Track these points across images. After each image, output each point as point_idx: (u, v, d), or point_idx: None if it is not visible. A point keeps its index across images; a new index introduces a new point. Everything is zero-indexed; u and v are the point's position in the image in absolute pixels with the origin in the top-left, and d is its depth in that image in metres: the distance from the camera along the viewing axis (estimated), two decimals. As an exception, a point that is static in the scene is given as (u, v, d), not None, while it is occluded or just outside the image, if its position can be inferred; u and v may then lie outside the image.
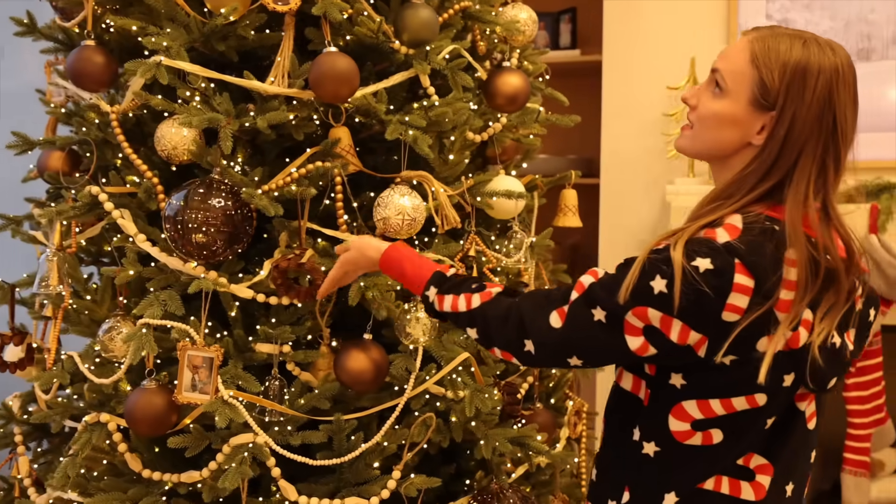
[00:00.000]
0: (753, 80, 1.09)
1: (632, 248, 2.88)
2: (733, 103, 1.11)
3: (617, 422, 1.19)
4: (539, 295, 1.16)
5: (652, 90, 2.78)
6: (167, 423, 1.41)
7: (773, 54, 1.08)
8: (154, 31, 1.52)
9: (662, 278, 1.02)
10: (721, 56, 1.15)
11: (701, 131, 1.15)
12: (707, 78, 1.18)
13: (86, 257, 1.72)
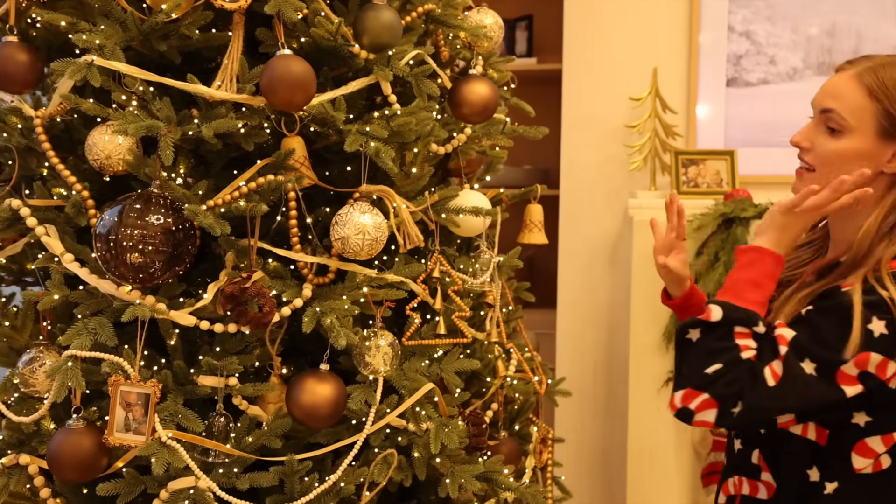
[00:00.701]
0: (877, 112, 1.15)
1: (592, 261, 2.80)
2: (860, 138, 1.16)
3: (789, 469, 1.20)
4: None
5: (613, 100, 2.71)
6: (96, 467, 1.26)
7: (892, 84, 1.14)
8: (86, 28, 1.36)
9: (880, 320, 1.06)
10: (827, 95, 1.18)
11: (826, 172, 1.17)
12: (815, 118, 1.21)
13: (6, 276, 1.55)
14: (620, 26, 2.71)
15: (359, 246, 1.35)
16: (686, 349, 1.12)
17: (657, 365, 2.48)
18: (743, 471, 1.27)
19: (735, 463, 1.30)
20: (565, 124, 2.77)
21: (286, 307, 1.37)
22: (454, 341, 1.54)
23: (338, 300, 1.38)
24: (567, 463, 2.68)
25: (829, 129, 1.18)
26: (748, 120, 2.60)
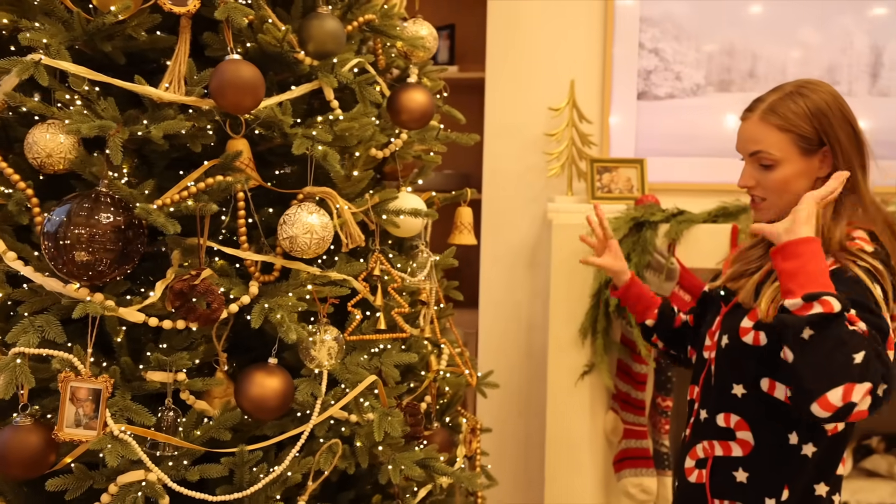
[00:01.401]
0: (793, 139, 1.37)
1: (512, 263, 2.92)
2: (790, 164, 1.38)
3: (770, 430, 1.37)
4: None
5: (533, 110, 2.85)
6: (44, 463, 1.26)
7: (792, 115, 1.37)
8: (28, 26, 1.37)
9: (875, 284, 1.28)
10: (749, 141, 1.42)
11: (776, 198, 1.41)
12: (747, 161, 1.44)
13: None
14: (541, 40, 2.85)
15: (306, 245, 1.40)
16: (814, 345, 1.16)
17: (574, 360, 2.63)
18: (712, 435, 1.43)
19: (701, 431, 1.47)
20: (488, 132, 2.89)
21: (233, 304, 1.41)
22: (394, 336, 1.61)
23: (284, 297, 1.43)
24: (491, 452, 2.79)
25: (763, 166, 1.40)
26: (656, 131, 2.78)
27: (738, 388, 1.41)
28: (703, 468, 1.46)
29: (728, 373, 1.43)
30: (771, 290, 1.36)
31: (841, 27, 2.71)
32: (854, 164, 1.38)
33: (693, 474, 1.48)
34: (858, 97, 2.71)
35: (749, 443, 1.39)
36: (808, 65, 2.72)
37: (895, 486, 2.94)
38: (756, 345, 1.38)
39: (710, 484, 1.44)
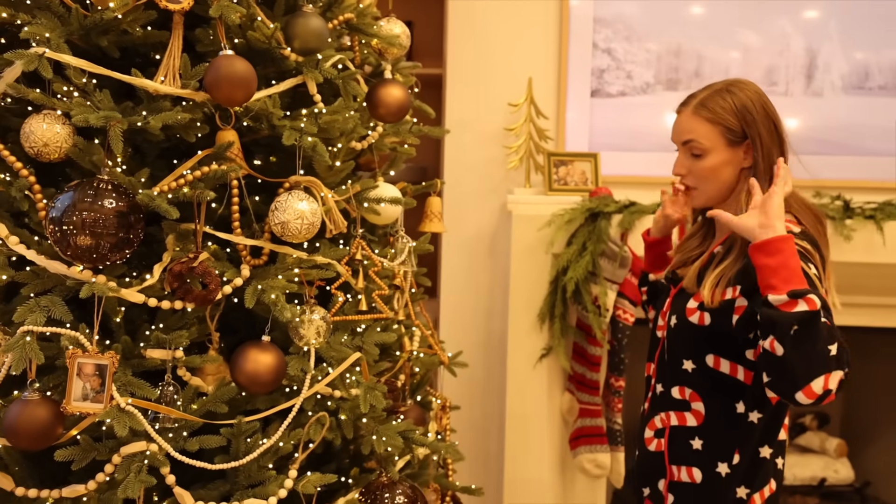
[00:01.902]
0: (720, 131, 1.52)
1: (472, 251, 3.05)
2: (718, 153, 1.52)
3: (719, 401, 1.50)
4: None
5: (492, 106, 2.97)
6: (52, 435, 1.33)
7: (720, 109, 1.52)
8: (26, 20, 1.42)
9: (809, 264, 1.38)
10: (682, 132, 1.56)
11: (704, 186, 1.55)
12: (680, 151, 1.58)
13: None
14: (499, 39, 2.98)
15: (297, 230, 1.50)
16: (801, 341, 1.25)
17: (532, 343, 2.77)
18: (668, 407, 1.57)
19: (658, 404, 1.60)
20: (448, 126, 3.00)
21: (227, 286, 1.49)
22: (374, 317, 1.72)
23: (274, 279, 1.52)
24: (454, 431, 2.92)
25: (694, 155, 1.54)
26: (609, 127, 2.94)
27: (687, 364, 1.53)
28: (662, 437, 1.58)
29: (678, 350, 1.56)
30: (713, 277, 1.48)
31: (779, 30, 2.91)
32: (774, 157, 1.50)
33: (652, 443, 1.60)
34: (794, 97, 2.92)
35: (701, 413, 1.52)
36: (748, 66, 2.91)
37: (826, 461, 3.18)
38: (701, 324, 1.51)
39: (669, 452, 1.56)
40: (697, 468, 1.52)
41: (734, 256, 1.48)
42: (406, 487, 1.63)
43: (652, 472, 1.60)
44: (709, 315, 1.50)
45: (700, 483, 1.51)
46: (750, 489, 1.50)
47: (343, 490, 1.71)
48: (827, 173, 2.90)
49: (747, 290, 1.42)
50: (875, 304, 2.80)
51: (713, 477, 1.50)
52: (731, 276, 1.47)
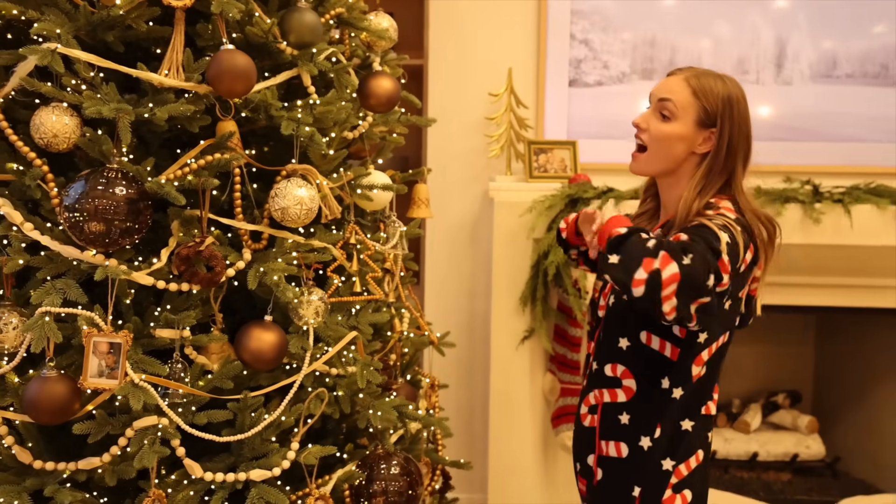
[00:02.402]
0: (698, 107, 1.51)
1: (455, 237, 3.14)
2: (682, 124, 1.51)
3: (646, 378, 1.53)
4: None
5: (473, 96, 3.06)
6: (70, 410, 1.41)
7: (708, 88, 1.51)
8: (35, 17, 1.49)
9: (724, 232, 1.39)
10: (665, 90, 1.54)
11: (656, 149, 1.53)
12: (651, 107, 1.55)
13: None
14: (479, 30, 3.07)
15: (297, 215, 1.58)
16: (617, 255, 1.35)
17: (515, 326, 2.87)
18: (601, 384, 1.59)
19: (594, 381, 1.62)
20: (430, 115, 3.09)
21: (230, 268, 1.57)
22: (368, 298, 1.81)
23: (274, 262, 1.60)
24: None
25: (662, 116, 1.52)
26: (587, 115, 3.05)
27: (623, 342, 1.54)
28: (594, 413, 1.59)
29: (614, 328, 1.57)
30: None
31: (749, 21, 3.02)
32: (738, 159, 1.51)
33: (587, 419, 1.61)
34: (765, 85, 3.04)
35: (632, 389, 1.54)
36: (720, 56, 3.03)
37: (798, 437, 3.32)
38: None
39: (600, 427, 1.58)
40: (624, 442, 1.55)
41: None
42: (401, 459, 1.73)
43: (584, 447, 1.63)
44: None
45: (626, 457, 1.54)
46: (675, 461, 1.52)
47: (339, 464, 1.80)
48: (797, 159, 3.03)
49: None
50: (843, 285, 2.93)
51: (637, 450, 1.53)
52: None
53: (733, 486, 3.11)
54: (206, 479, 1.51)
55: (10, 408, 1.47)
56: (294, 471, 1.63)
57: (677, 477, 1.52)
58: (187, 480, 1.53)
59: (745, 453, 3.26)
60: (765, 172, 2.96)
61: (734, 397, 3.52)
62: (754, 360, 3.55)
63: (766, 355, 3.56)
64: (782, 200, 2.79)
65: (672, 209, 1.57)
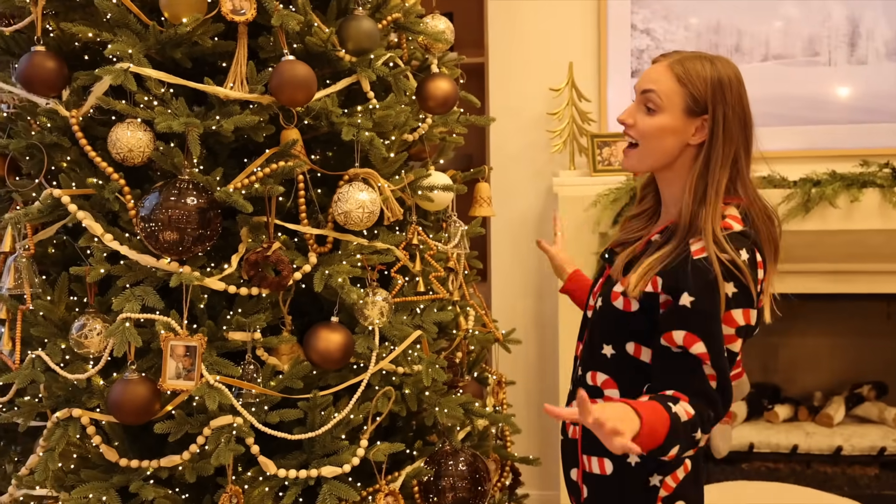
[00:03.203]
0: (684, 94, 1.37)
1: (520, 234, 3.15)
2: (670, 115, 1.38)
3: (632, 390, 1.40)
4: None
5: (535, 91, 3.06)
6: (151, 411, 1.49)
7: (694, 73, 1.37)
8: (109, 38, 1.57)
9: (728, 282, 1.32)
10: (647, 80, 1.41)
11: (646, 145, 1.40)
12: (636, 100, 1.43)
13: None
14: (538, 25, 3.06)
15: (359, 218, 1.62)
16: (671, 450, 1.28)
17: (583, 321, 2.86)
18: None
19: (577, 387, 1.48)
20: (492, 113, 3.10)
21: (297, 272, 1.63)
22: (432, 297, 1.84)
23: (339, 265, 1.65)
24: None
25: (647, 109, 1.39)
26: (651, 106, 3.00)
27: (607, 349, 1.43)
28: (577, 424, 1.47)
29: (599, 333, 1.46)
30: (644, 266, 1.38)
31: (819, 0, 2.92)
32: (739, 147, 1.39)
33: (570, 429, 1.50)
34: (838, 66, 2.94)
35: (614, 400, 1.37)
36: (789, 37, 2.94)
37: (885, 430, 3.20)
38: (626, 310, 1.40)
39: (582, 440, 1.47)
40: (608, 458, 1.44)
41: (670, 248, 1.38)
42: (468, 455, 1.75)
43: (569, 460, 1.52)
44: (636, 302, 1.40)
45: (610, 474, 1.44)
46: (662, 475, 1.42)
47: (408, 461, 1.84)
48: (874, 141, 2.91)
49: (669, 287, 1.35)
50: (926, 271, 2.81)
51: (623, 466, 1.43)
52: (660, 268, 1.37)
53: (816, 481, 3.02)
54: (279, 475, 1.56)
55: (96, 409, 1.56)
56: (364, 467, 1.67)
57: (666, 491, 1.43)
58: (262, 477, 1.59)
59: (828, 448, 3.16)
60: (841, 156, 2.87)
61: (815, 390, 3.41)
62: (835, 352, 3.43)
63: (847, 346, 3.43)
64: (859, 185, 2.69)
65: (673, 208, 1.45)
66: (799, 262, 2.82)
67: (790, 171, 2.80)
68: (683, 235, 1.37)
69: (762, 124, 1.47)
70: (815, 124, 2.94)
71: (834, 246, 2.80)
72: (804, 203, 2.73)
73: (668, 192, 1.46)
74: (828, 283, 2.94)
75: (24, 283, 1.55)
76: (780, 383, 3.43)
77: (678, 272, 1.33)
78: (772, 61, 2.96)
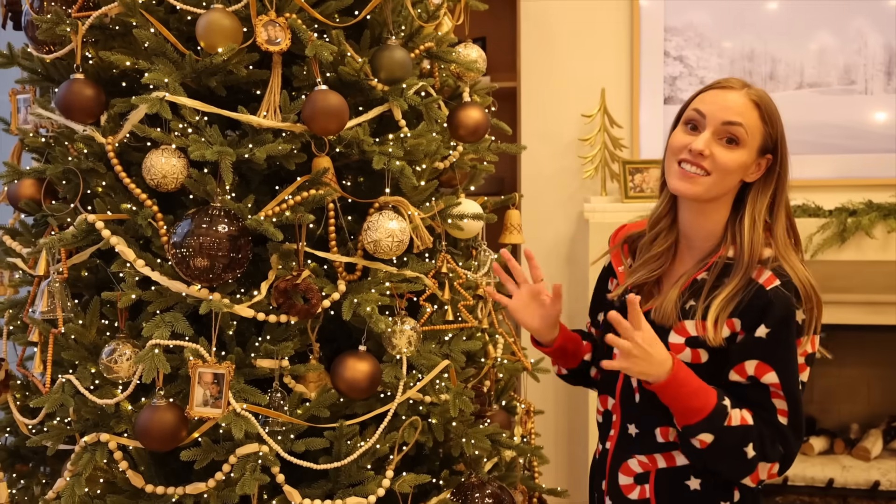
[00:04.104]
0: (764, 133, 1.35)
1: (551, 259, 3.13)
2: (748, 152, 1.35)
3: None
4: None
5: (567, 117, 3.05)
6: (178, 437, 1.49)
7: (773, 112, 1.36)
8: (145, 67, 1.59)
9: (797, 309, 1.33)
10: (732, 112, 1.33)
11: (720, 178, 1.34)
12: (715, 129, 1.34)
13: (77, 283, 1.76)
14: (571, 52, 3.06)
15: (389, 247, 1.62)
16: (711, 457, 1.31)
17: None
18: (651, 449, 1.40)
19: (633, 446, 1.42)
20: (524, 138, 3.10)
21: (326, 300, 1.63)
22: (460, 326, 1.82)
23: (368, 293, 1.64)
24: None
25: (728, 140, 1.33)
26: (683, 133, 2.97)
27: (727, 401, 1.32)
28: (646, 483, 1.40)
29: None
30: (715, 309, 1.32)
31: (855, 27, 2.88)
32: (785, 184, 1.39)
33: (634, 491, 1.41)
34: (875, 95, 2.89)
35: None
36: (824, 65, 2.90)
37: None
38: (696, 363, 1.35)
39: (657, 497, 1.40)
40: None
41: (736, 285, 1.33)
42: (495, 488, 1.73)
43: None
44: (706, 352, 1.35)
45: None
46: None
47: (435, 491, 1.81)
48: (913, 170, 2.86)
49: (748, 325, 1.32)
50: None
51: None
52: (732, 308, 1.32)
53: (852, 517, 2.94)
54: (305, 505, 1.55)
55: (124, 434, 1.56)
56: (389, 498, 1.65)
57: None
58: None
59: (864, 482, 3.07)
60: (878, 185, 2.82)
61: (852, 422, 3.33)
62: (872, 383, 3.35)
63: (886, 377, 3.35)
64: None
65: (703, 244, 1.41)
66: (835, 293, 2.76)
67: (825, 200, 2.75)
68: (746, 269, 1.33)
69: (797, 152, 1.46)
70: (852, 153, 2.90)
71: (871, 276, 2.74)
72: (840, 233, 2.68)
73: (702, 224, 1.40)
74: (865, 314, 2.88)
75: (56, 307, 1.56)
76: (815, 414, 3.35)
77: (755, 307, 1.31)
78: (807, 89, 2.92)
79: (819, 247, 2.68)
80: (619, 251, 1.56)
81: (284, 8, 1.63)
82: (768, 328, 1.30)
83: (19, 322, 1.77)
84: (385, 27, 1.75)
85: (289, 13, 1.62)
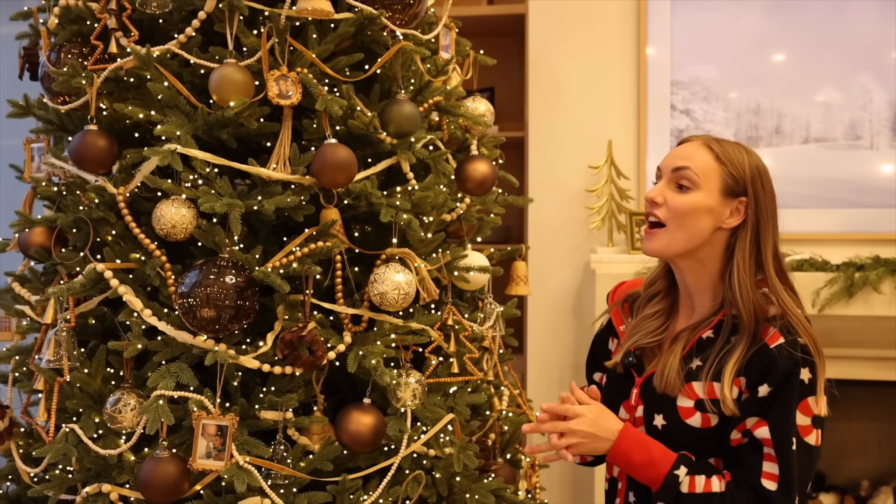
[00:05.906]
0: (722, 173, 1.31)
1: (557, 310, 3.12)
2: (706, 194, 1.30)
3: None
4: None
5: (574, 168, 3.08)
6: (180, 490, 1.48)
7: (732, 153, 1.33)
8: (158, 119, 1.62)
9: (804, 367, 1.29)
10: (679, 157, 1.34)
11: (677, 225, 1.31)
12: (665, 178, 1.35)
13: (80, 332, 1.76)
14: (579, 102, 3.10)
15: (395, 300, 1.62)
16: None
17: (619, 401, 2.79)
18: None
19: None
20: (531, 188, 3.12)
21: (331, 352, 1.63)
22: (465, 378, 1.81)
23: (373, 345, 1.64)
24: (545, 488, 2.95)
25: (679, 187, 1.31)
26: (690, 185, 2.99)
27: (681, 470, 1.30)
28: None
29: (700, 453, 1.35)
30: (730, 375, 1.29)
31: (860, 84, 2.91)
32: (771, 234, 1.34)
33: None
34: (881, 150, 2.91)
35: None
36: (830, 121, 2.92)
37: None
38: (706, 427, 1.32)
39: None
40: None
41: (743, 346, 1.30)
42: (498, 544, 1.70)
43: None
44: (716, 416, 1.31)
45: None
46: None
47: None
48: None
49: (751, 384, 1.30)
50: None
51: None
52: (739, 368, 1.30)
53: (864, 579, 2.87)
54: (305, 561, 1.53)
55: (126, 485, 1.55)
56: (392, 554, 1.63)
57: None
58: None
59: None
60: (885, 240, 2.81)
61: (862, 479, 3.27)
62: (883, 439, 3.30)
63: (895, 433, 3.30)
64: (905, 270, 2.64)
65: (702, 300, 1.37)
66: (843, 348, 2.74)
67: (832, 254, 2.75)
68: (752, 327, 1.31)
69: (803, 206, 1.42)
70: (858, 207, 2.90)
71: (879, 332, 2.72)
72: (847, 287, 2.67)
73: (697, 281, 1.37)
74: (873, 369, 2.85)
75: (63, 356, 1.57)
76: (825, 470, 3.30)
77: (758, 365, 1.29)
78: (813, 143, 2.94)
79: (827, 301, 2.67)
80: (620, 310, 1.52)
81: (296, 63, 1.66)
82: (770, 387, 1.28)
83: (25, 369, 1.77)
84: (395, 81, 1.78)
85: (300, 68, 1.65)
